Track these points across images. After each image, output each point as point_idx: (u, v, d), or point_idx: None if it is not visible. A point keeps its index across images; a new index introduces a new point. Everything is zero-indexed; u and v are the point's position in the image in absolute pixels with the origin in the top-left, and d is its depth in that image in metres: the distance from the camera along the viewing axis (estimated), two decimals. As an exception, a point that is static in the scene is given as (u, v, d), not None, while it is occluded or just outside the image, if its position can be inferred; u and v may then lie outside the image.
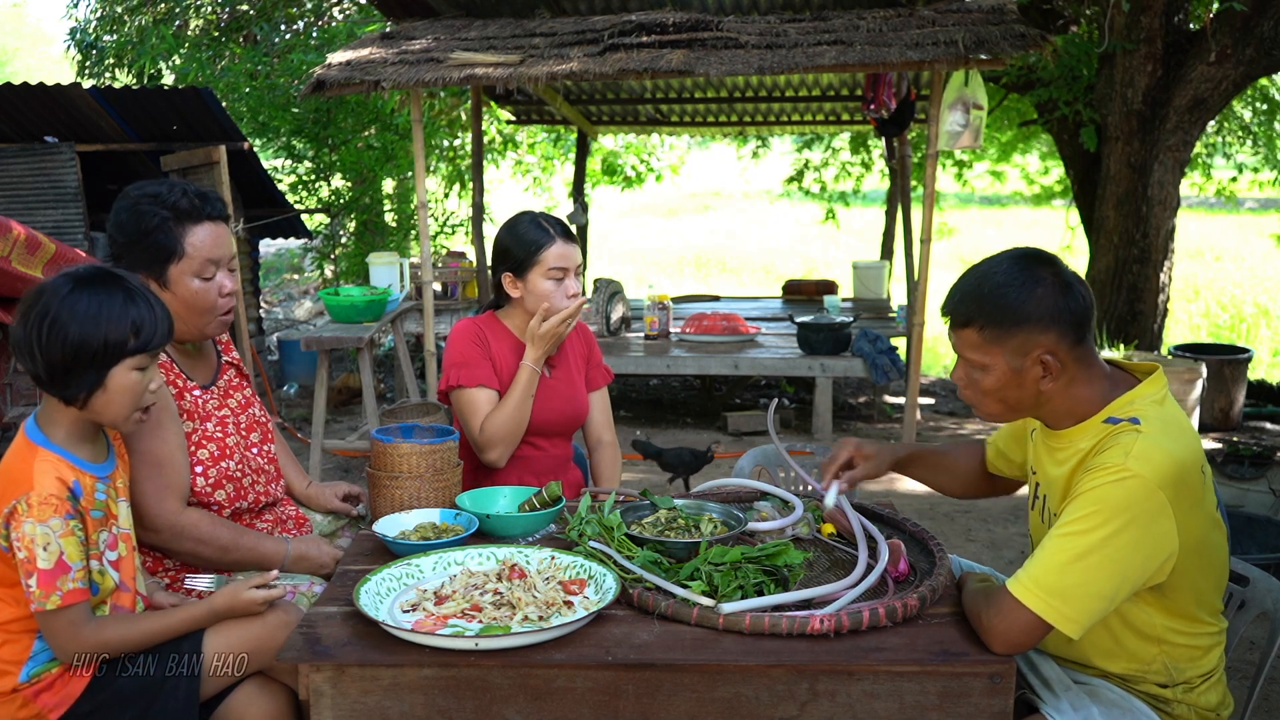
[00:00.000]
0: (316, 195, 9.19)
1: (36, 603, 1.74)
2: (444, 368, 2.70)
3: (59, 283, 1.80)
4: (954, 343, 1.86)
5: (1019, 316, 1.76)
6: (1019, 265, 1.80)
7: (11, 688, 1.83)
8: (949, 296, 1.86)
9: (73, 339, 1.76)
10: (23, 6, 33.95)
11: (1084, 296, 1.80)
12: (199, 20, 10.44)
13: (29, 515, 1.74)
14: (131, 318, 1.80)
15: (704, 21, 5.94)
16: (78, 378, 1.79)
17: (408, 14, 6.84)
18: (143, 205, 2.15)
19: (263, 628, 1.96)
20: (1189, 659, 1.83)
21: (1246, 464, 5.06)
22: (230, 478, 2.27)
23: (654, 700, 1.70)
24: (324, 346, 5.29)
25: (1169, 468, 1.70)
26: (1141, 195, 6.72)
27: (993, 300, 1.78)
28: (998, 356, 1.80)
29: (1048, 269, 1.79)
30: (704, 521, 2.16)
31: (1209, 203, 11.06)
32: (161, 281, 2.17)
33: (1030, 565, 1.73)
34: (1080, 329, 1.79)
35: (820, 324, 6.35)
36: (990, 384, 1.83)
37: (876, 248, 10.73)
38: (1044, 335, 1.77)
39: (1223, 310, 10.82)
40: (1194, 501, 1.75)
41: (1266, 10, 5.98)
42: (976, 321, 1.79)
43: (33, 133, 6.84)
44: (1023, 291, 1.76)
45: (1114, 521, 1.67)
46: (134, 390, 1.84)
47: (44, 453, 1.81)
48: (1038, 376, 1.80)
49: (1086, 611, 1.68)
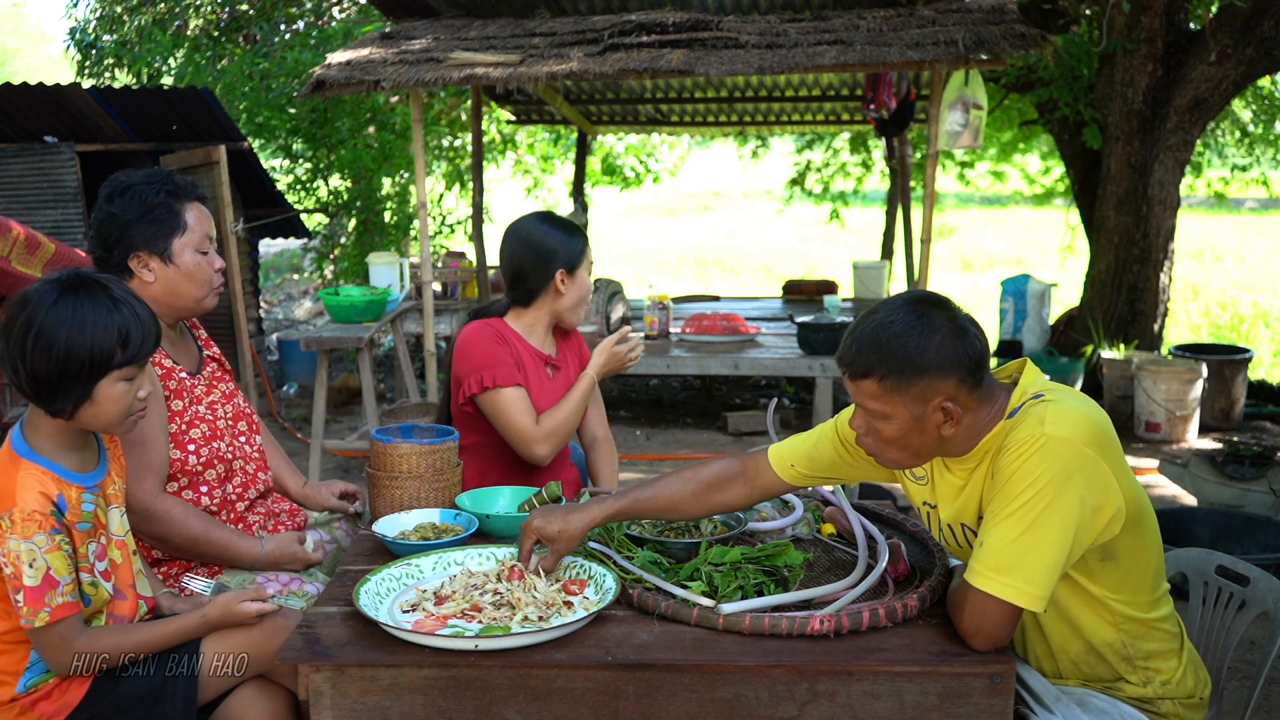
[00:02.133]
0: (315, 195, 9.19)
1: (25, 619, 1.72)
2: (468, 372, 2.67)
3: (43, 291, 1.75)
4: (851, 392, 1.84)
5: (918, 366, 1.74)
6: (915, 313, 1.77)
7: (9, 698, 1.82)
8: (845, 347, 1.81)
9: (59, 352, 1.72)
10: (23, 6, 33.95)
11: (979, 339, 1.79)
12: (199, 20, 10.43)
13: (13, 532, 1.71)
14: (118, 325, 1.76)
15: (704, 21, 5.93)
16: (64, 391, 1.75)
17: (408, 14, 6.84)
18: (139, 186, 2.22)
19: (260, 632, 1.96)
20: (1144, 635, 1.84)
21: (1247, 464, 5.05)
22: (220, 458, 2.29)
23: (654, 700, 1.70)
24: (324, 346, 5.29)
25: (1086, 426, 1.72)
26: (1142, 195, 6.72)
27: (890, 350, 1.75)
28: (899, 405, 1.77)
29: (942, 314, 1.78)
30: (704, 522, 2.16)
31: (1209, 203, 11.05)
32: (165, 256, 2.22)
33: (981, 554, 1.72)
34: (978, 372, 1.79)
35: (820, 324, 6.35)
36: (892, 433, 1.81)
37: (877, 248, 10.73)
38: (944, 383, 1.76)
39: (1223, 310, 10.81)
40: (1120, 458, 1.76)
41: (1267, 10, 5.98)
42: (876, 372, 1.76)
43: (33, 133, 6.84)
44: (921, 340, 1.74)
45: (1050, 488, 1.67)
46: (122, 401, 1.80)
47: (28, 466, 1.77)
48: (939, 423, 1.79)
49: (1044, 583, 1.69)
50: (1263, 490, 4.67)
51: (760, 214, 20.17)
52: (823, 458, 2.06)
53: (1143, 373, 6.23)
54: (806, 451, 2.07)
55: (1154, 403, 6.17)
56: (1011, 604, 1.68)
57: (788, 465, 2.07)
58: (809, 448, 2.07)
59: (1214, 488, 4.75)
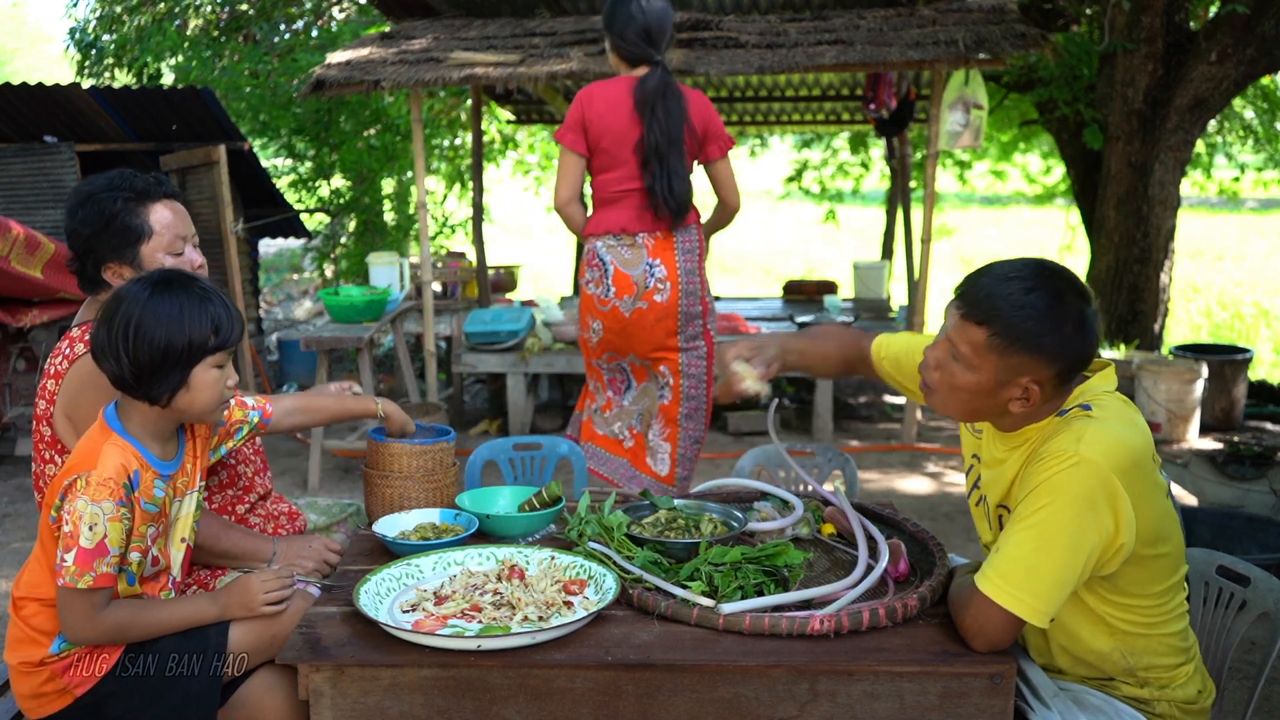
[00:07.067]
0: (316, 195, 9.19)
1: (69, 578, 1.76)
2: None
3: (136, 288, 1.86)
4: (952, 326, 1.80)
5: (1032, 344, 1.72)
6: (1054, 293, 1.73)
7: (40, 659, 1.87)
8: (974, 285, 1.78)
9: (160, 341, 1.83)
10: (22, 6, 33.94)
11: (1094, 343, 1.77)
12: (199, 20, 10.44)
13: (84, 492, 1.78)
14: (211, 317, 1.87)
15: (704, 21, 5.93)
16: (163, 378, 1.85)
17: (408, 14, 6.84)
18: (99, 195, 2.17)
19: (279, 621, 1.97)
20: (1148, 648, 1.83)
21: (1247, 464, 5.04)
22: (221, 462, 2.31)
23: (654, 700, 1.69)
24: (324, 346, 5.29)
25: (1121, 452, 1.70)
26: (1142, 195, 6.71)
27: (1018, 317, 1.72)
28: (990, 365, 1.76)
29: (1076, 305, 1.74)
30: (704, 522, 2.16)
31: (1210, 202, 11.06)
32: (135, 264, 2.18)
33: (995, 560, 1.73)
34: (1075, 372, 1.78)
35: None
36: (965, 383, 1.80)
37: (877, 248, 10.73)
38: (1043, 369, 1.75)
39: (1223, 310, 10.81)
40: (1147, 487, 1.75)
41: (1267, 10, 5.98)
42: (992, 328, 1.74)
43: (32, 133, 6.84)
44: (1049, 322, 1.71)
45: (1070, 509, 1.67)
46: (215, 387, 1.90)
47: (116, 438, 1.86)
48: (1014, 397, 1.78)
49: (1053, 601, 1.69)
50: (1263, 490, 4.67)
51: (760, 214, 20.16)
52: (907, 367, 2.14)
53: (1143, 373, 6.23)
54: (897, 353, 2.18)
55: (1154, 403, 6.17)
56: (1015, 615, 1.69)
57: (881, 356, 2.22)
58: (901, 351, 2.17)
59: (1214, 488, 4.74)
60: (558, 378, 7.08)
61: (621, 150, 3.53)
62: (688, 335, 3.62)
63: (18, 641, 1.90)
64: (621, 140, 3.52)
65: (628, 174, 3.54)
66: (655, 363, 3.65)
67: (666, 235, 3.58)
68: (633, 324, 3.57)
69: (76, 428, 2.09)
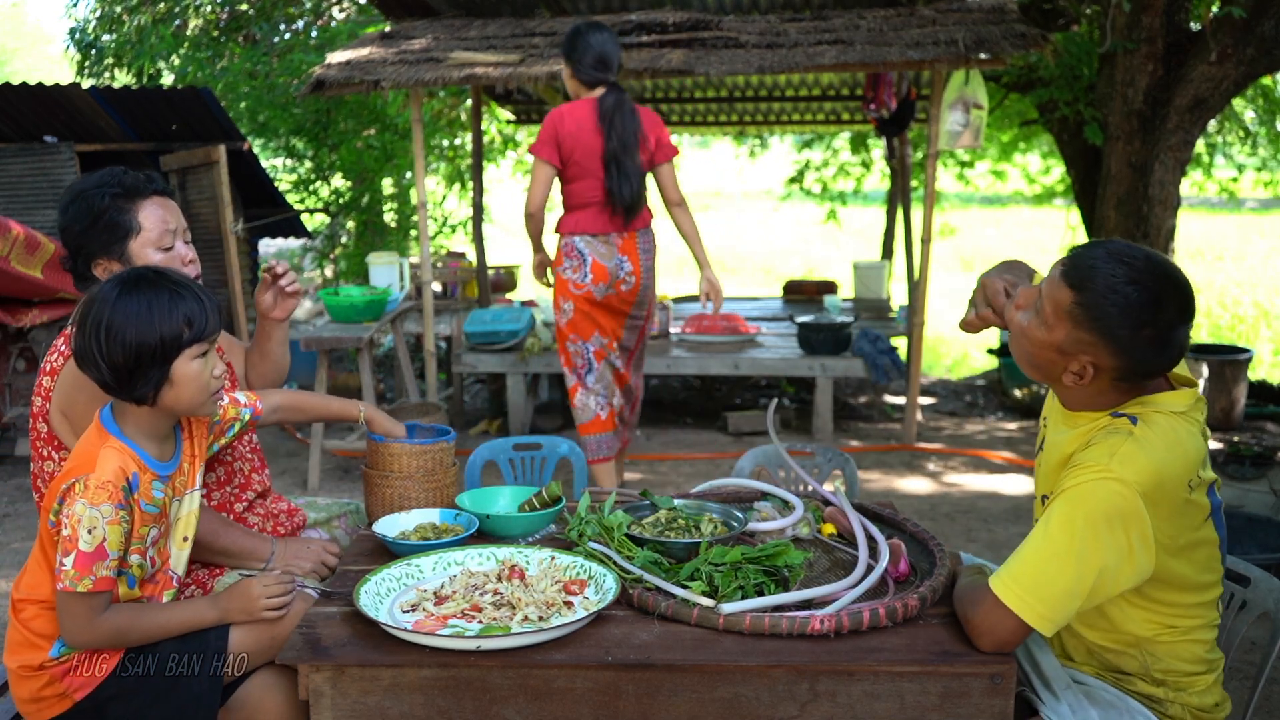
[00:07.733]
0: (316, 195, 9.19)
1: (68, 581, 1.76)
2: None
3: (105, 290, 1.85)
4: (1048, 278, 1.79)
5: (1106, 332, 1.71)
6: (1153, 295, 1.69)
7: (40, 663, 1.87)
8: (1088, 252, 1.74)
9: (131, 341, 1.81)
10: (22, 6, 33.95)
11: (1169, 358, 1.74)
12: (198, 20, 10.43)
13: (83, 496, 1.77)
14: (182, 311, 1.85)
15: (704, 21, 5.93)
16: (143, 376, 1.83)
17: (408, 14, 6.83)
18: (89, 193, 2.18)
19: (278, 621, 1.97)
20: (1167, 653, 1.82)
21: (1247, 464, 5.05)
22: (219, 459, 2.32)
23: (654, 700, 1.69)
24: (324, 346, 5.29)
25: (1149, 475, 1.69)
26: (1142, 195, 6.71)
27: (1108, 300, 1.70)
28: (1062, 329, 1.76)
29: (1168, 315, 1.70)
30: (704, 522, 2.16)
31: (1210, 202, 11.06)
32: (124, 260, 2.18)
33: (1012, 562, 1.73)
34: (1140, 377, 1.76)
35: (820, 324, 6.34)
36: (1035, 336, 1.80)
37: (877, 248, 10.73)
38: (1109, 358, 1.73)
39: (1223, 310, 10.81)
40: (1173, 511, 1.73)
41: (1267, 10, 5.98)
42: (1079, 298, 1.72)
43: (32, 132, 6.84)
44: (1134, 319, 1.69)
45: (1090, 523, 1.67)
46: (199, 378, 1.88)
47: (114, 441, 1.86)
48: (1069, 368, 1.79)
49: (1060, 609, 1.69)
50: (1263, 490, 4.67)
51: (760, 214, 20.16)
52: None
53: (1143, 373, 6.22)
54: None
55: (1154, 403, 6.16)
56: (1023, 620, 1.69)
57: None
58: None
59: (1214, 487, 4.74)
60: (558, 378, 7.07)
61: (591, 162, 4.17)
62: (639, 317, 4.46)
63: (17, 645, 1.90)
64: (590, 153, 4.16)
65: (595, 183, 4.21)
66: (610, 341, 4.38)
67: (631, 236, 4.29)
68: (602, 305, 4.33)
69: (73, 425, 2.09)
